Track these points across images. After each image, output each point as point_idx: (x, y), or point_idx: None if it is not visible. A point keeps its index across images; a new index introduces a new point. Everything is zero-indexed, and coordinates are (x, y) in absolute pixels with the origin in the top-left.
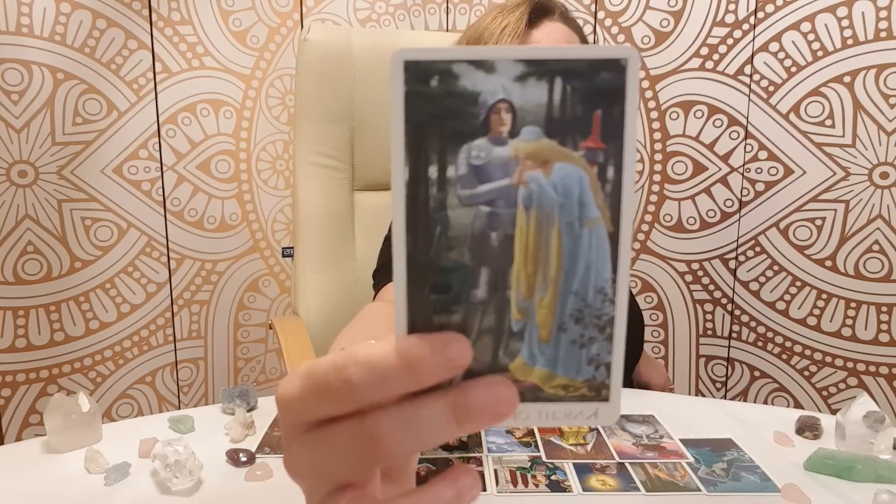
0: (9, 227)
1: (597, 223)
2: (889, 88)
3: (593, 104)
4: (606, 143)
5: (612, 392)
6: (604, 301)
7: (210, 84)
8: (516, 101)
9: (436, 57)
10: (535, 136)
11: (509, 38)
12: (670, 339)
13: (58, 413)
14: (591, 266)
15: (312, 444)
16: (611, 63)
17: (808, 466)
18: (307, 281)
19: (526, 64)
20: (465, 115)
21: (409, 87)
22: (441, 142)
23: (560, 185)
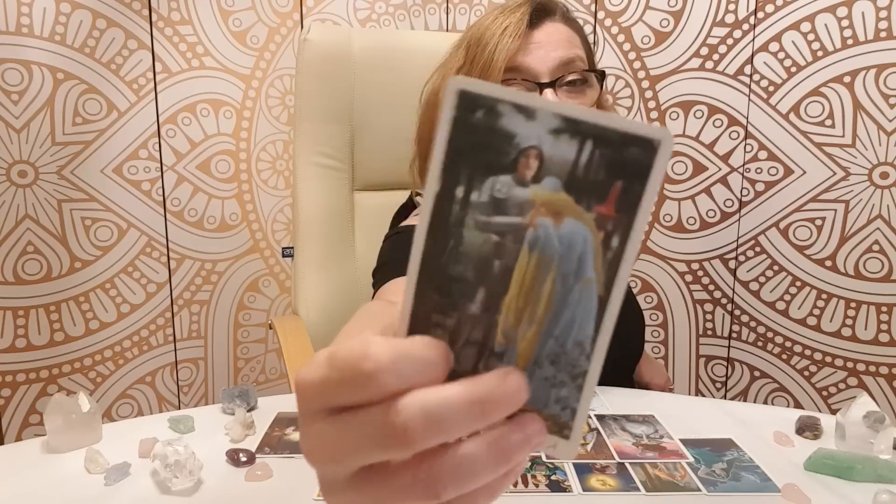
0: (9, 227)
1: (590, 284)
2: (889, 88)
3: (616, 174)
4: (619, 214)
5: (574, 432)
6: (580, 354)
7: (210, 84)
8: (546, 151)
9: (486, 92)
10: (555, 187)
11: (510, 38)
12: (670, 339)
13: (58, 413)
14: (576, 320)
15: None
16: (643, 141)
17: (808, 466)
18: (307, 281)
19: (564, 120)
20: (498, 152)
21: (457, 113)
22: (472, 168)
23: (566, 238)
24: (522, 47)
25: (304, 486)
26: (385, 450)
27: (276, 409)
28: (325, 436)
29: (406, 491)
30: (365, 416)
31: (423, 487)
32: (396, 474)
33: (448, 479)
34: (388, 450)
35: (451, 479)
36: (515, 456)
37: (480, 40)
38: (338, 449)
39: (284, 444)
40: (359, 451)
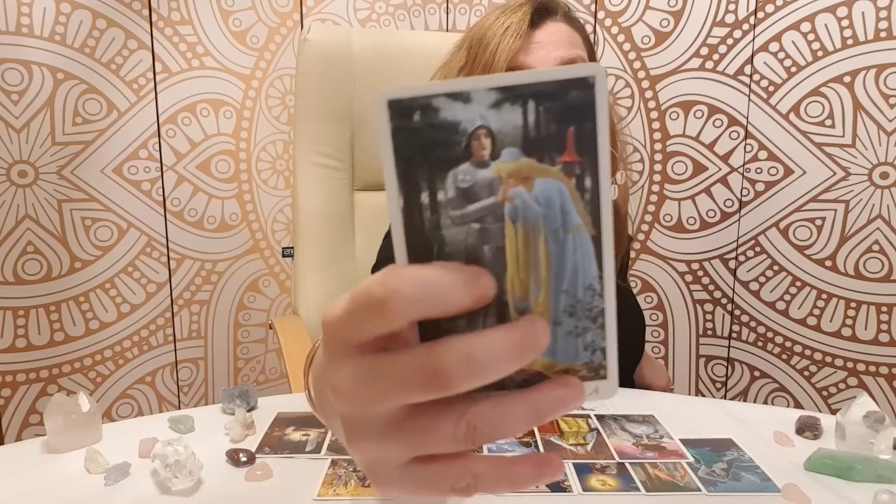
0: (9, 227)
1: (579, 229)
2: (889, 88)
3: (566, 121)
4: (581, 156)
5: (609, 370)
6: (593, 296)
7: (210, 84)
8: (494, 126)
9: (415, 94)
10: (515, 156)
11: (512, 38)
12: (670, 339)
13: (58, 413)
14: (578, 267)
15: (374, 368)
16: (579, 82)
17: (808, 466)
18: (307, 281)
19: (499, 91)
20: (448, 144)
21: (394, 124)
22: (429, 170)
23: (542, 197)
24: (524, 47)
25: (304, 486)
26: (425, 391)
27: (276, 409)
28: (361, 374)
29: (444, 437)
30: (406, 357)
31: (463, 436)
32: (437, 420)
33: (486, 430)
34: (429, 391)
35: (490, 429)
36: (550, 415)
37: (482, 40)
38: (376, 388)
39: (284, 444)
40: (398, 391)
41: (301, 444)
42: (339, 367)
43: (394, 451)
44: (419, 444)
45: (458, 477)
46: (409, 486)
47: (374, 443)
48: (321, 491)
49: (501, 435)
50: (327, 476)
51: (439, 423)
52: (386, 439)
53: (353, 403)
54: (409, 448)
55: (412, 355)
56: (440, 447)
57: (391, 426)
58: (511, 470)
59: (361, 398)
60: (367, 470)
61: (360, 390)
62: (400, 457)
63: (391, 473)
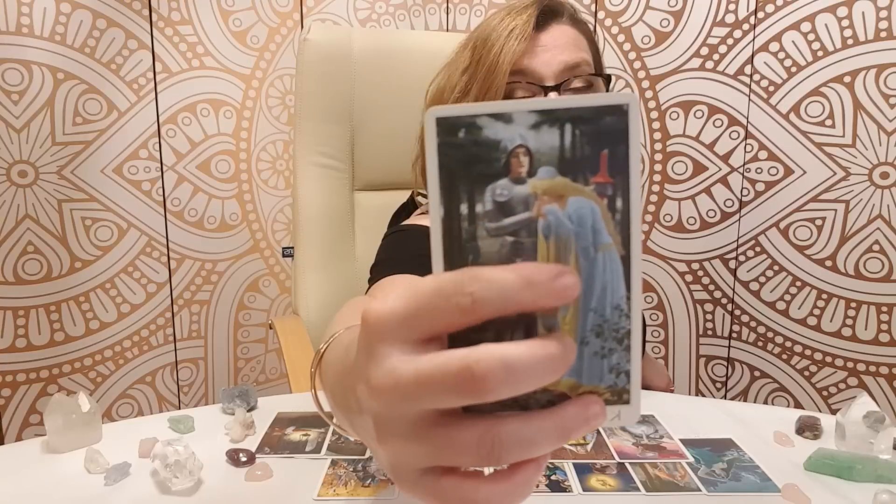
0: (9, 227)
1: (609, 248)
2: (889, 88)
3: (600, 145)
4: (614, 178)
5: (633, 395)
6: (620, 316)
7: (210, 84)
8: (532, 145)
9: (462, 112)
10: (550, 174)
11: (516, 41)
12: (670, 339)
13: (58, 413)
14: (607, 286)
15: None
16: (613, 108)
17: (808, 466)
18: (307, 281)
19: (539, 114)
20: (488, 160)
21: (440, 139)
22: (470, 183)
23: (575, 215)
24: (528, 50)
25: (304, 486)
26: (460, 394)
27: (276, 409)
28: (401, 372)
29: (468, 449)
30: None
31: (487, 450)
32: (463, 430)
33: (510, 447)
34: (464, 394)
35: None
36: (575, 434)
37: (486, 41)
38: (413, 387)
39: (284, 444)
40: (434, 392)
41: (301, 444)
42: (378, 364)
43: (417, 455)
44: (441, 451)
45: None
46: (423, 494)
47: (400, 442)
48: (321, 491)
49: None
50: (327, 476)
51: (465, 432)
52: (412, 441)
53: (387, 400)
54: (431, 454)
55: (450, 357)
56: (461, 458)
57: (419, 429)
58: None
59: (396, 395)
60: (390, 468)
61: (396, 388)
62: (421, 461)
63: (410, 476)
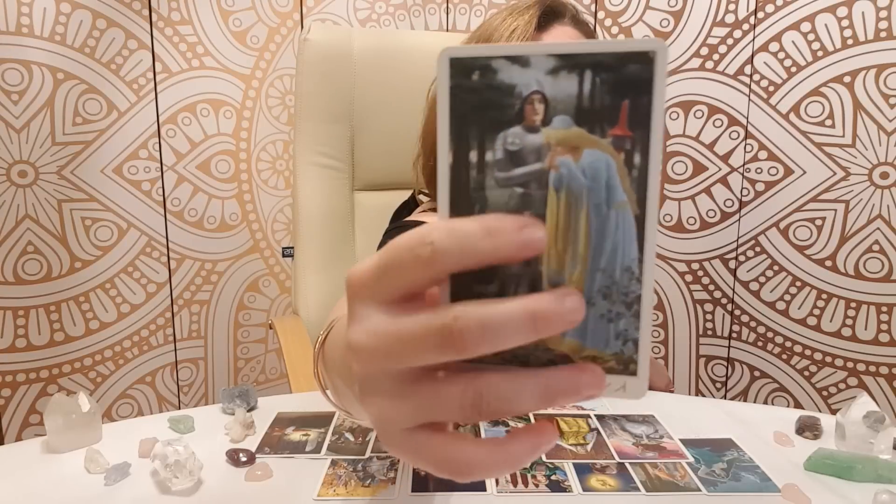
0: (9, 227)
1: (623, 206)
2: (889, 88)
3: (621, 94)
4: (633, 132)
5: (640, 367)
6: (630, 279)
7: (210, 84)
8: (549, 92)
9: (477, 53)
10: (566, 124)
11: (518, 40)
12: (670, 339)
13: (58, 413)
14: (618, 246)
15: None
16: (639, 55)
17: (808, 466)
18: (307, 281)
19: (558, 58)
20: (502, 106)
21: (453, 82)
22: (481, 130)
23: (589, 169)
24: None
25: (304, 486)
26: (438, 351)
27: (276, 409)
28: (381, 331)
29: (452, 403)
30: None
31: (469, 405)
32: (447, 384)
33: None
34: (442, 351)
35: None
36: (562, 398)
37: (489, 41)
38: (392, 345)
39: (284, 444)
40: (414, 350)
41: (301, 444)
42: (358, 324)
43: (402, 413)
44: (426, 407)
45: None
46: (408, 453)
47: (384, 400)
48: (321, 491)
49: (510, 410)
50: (327, 476)
51: (448, 387)
52: (396, 398)
53: (368, 360)
54: (415, 411)
55: (429, 314)
56: (446, 413)
57: (402, 386)
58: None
59: (376, 354)
60: (377, 428)
61: (376, 346)
62: (407, 420)
63: (396, 435)
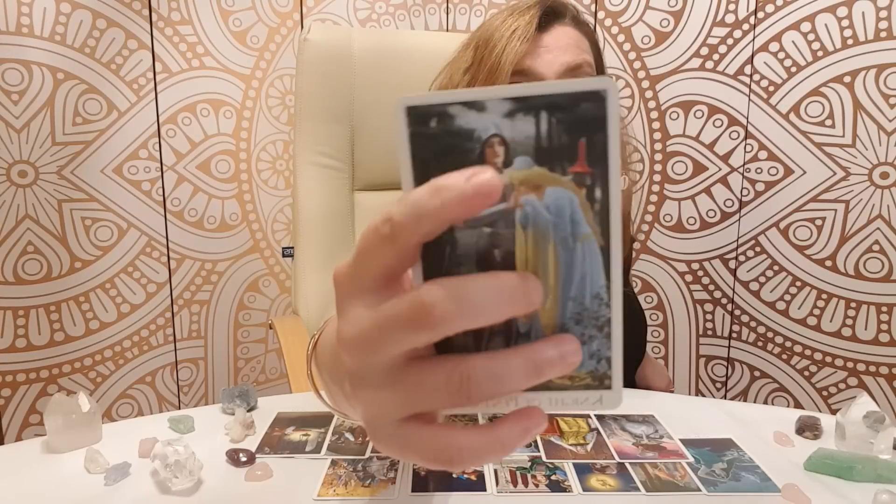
0: (9, 227)
1: (589, 238)
2: (889, 88)
3: (578, 133)
4: (592, 167)
5: (614, 381)
6: (600, 304)
7: (210, 84)
8: (507, 134)
9: (433, 101)
10: (527, 164)
11: (519, 41)
12: (670, 339)
13: (58, 413)
14: (587, 275)
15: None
16: (591, 94)
17: (808, 466)
18: (307, 281)
19: (513, 101)
20: (463, 150)
21: (412, 129)
22: (443, 174)
23: (553, 206)
24: (530, 51)
25: (304, 486)
26: (412, 330)
27: (276, 409)
28: (361, 321)
29: (439, 391)
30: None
31: (456, 389)
32: (431, 373)
33: (481, 385)
34: (416, 328)
35: (484, 384)
36: (547, 371)
37: (489, 42)
38: (371, 333)
39: (284, 444)
40: (392, 334)
41: (301, 444)
42: (344, 319)
43: (390, 404)
44: (413, 395)
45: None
46: (399, 446)
47: (373, 393)
48: (321, 491)
49: (499, 389)
50: (327, 476)
51: (434, 371)
52: (384, 389)
53: (356, 351)
54: (403, 401)
55: (404, 296)
56: (433, 400)
57: (390, 376)
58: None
59: (362, 344)
60: (366, 424)
61: (358, 336)
62: (395, 412)
63: (386, 429)
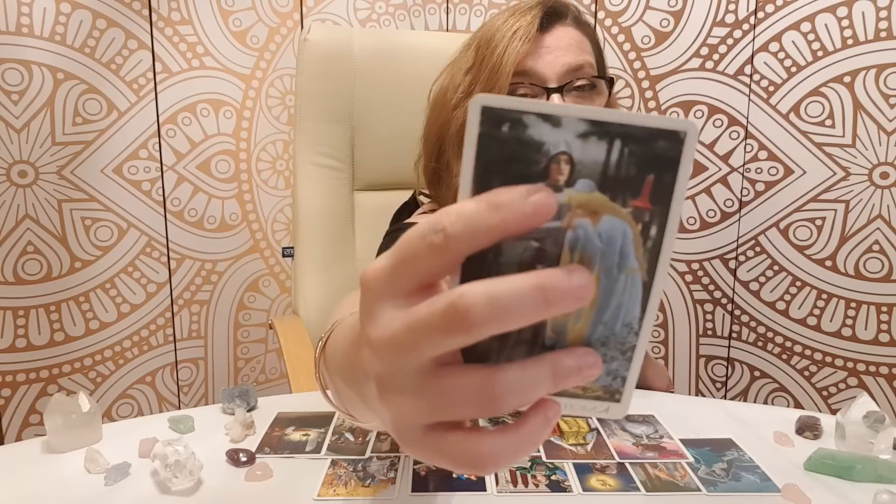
0: (9, 227)
1: (634, 272)
2: (889, 88)
3: (647, 168)
4: (654, 206)
5: (624, 396)
6: (629, 333)
7: (210, 84)
8: (576, 155)
9: (510, 106)
10: (589, 188)
11: (520, 42)
12: (670, 339)
13: (58, 413)
14: (623, 305)
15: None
16: (670, 133)
17: (808, 466)
18: (307, 281)
19: (590, 123)
20: (528, 161)
21: (482, 130)
22: (504, 180)
23: (605, 235)
24: (532, 51)
25: (304, 486)
26: (448, 333)
27: (276, 409)
28: (394, 324)
29: (468, 398)
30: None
31: (488, 398)
32: (463, 379)
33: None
34: (452, 333)
35: (511, 394)
36: (569, 380)
37: (490, 42)
38: (404, 336)
39: (284, 444)
40: (425, 338)
41: (301, 444)
42: (376, 321)
43: (419, 410)
44: (442, 403)
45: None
46: (427, 452)
47: (402, 399)
48: (321, 491)
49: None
50: (327, 476)
51: (465, 381)
52: (413, 396)
53: (387, 355)
54: (432, 407)
55: (437, 298)
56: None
57: (419, 382)
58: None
59: (395, 348)
60: (394, 429)
61: (393, 340)
62: (424, 417)
63: (413, 434)
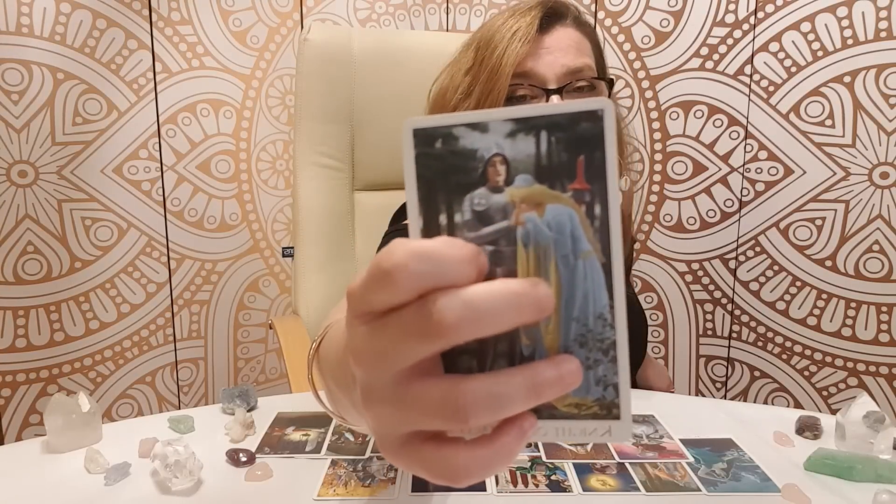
0: (9, 227)
1: (590, 255)
2: (889, 88)
3: (576, 151)
4: (591, 184)
5: (623, 410)
6: (604, 326)
7: (210, 84)
8: (509, 154)
9: (438, 123)
10: (528, 182)
11: (520, 43)
12: (670, 339)
13: (58, 413)
14: (589, 294)
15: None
16: (588, 114)
17: (808, 466)
18: (307, 281)
19: (514, 122)
20: (466, 170)
21: (417, 150)
22: (448, 193)
23: (553, 223)
24: (531, 52)
25: (304, 486)
26: (423, 338)
27: (276, 409)
28: (369, 335)
29: (436, 411)
30: (403, 314)
31: (453, 409)
32: (429, 391)
33: (478, 405)
34: (427, 338)
35: (481, 405)
36: (547, 393)
37: (490, 43)
38: (379, 347)
39: (284, 444)
40: (398, 346)
41: (301, 444)
42: (353, 333)
43: (396, 420)
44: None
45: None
46: (406, 461)
47: (382, 408)
48: (321, 491)
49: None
50: (327, 476)
51: (430, 391)
52: (391, 405)
53: (365, 363)
54: (407, 417)
55: (413, 307)
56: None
57: (397, 391)
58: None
59: (370, 357)
60: (376, 436)
61: (368, 352)
62: (401, 426)
63: (394, 444)
